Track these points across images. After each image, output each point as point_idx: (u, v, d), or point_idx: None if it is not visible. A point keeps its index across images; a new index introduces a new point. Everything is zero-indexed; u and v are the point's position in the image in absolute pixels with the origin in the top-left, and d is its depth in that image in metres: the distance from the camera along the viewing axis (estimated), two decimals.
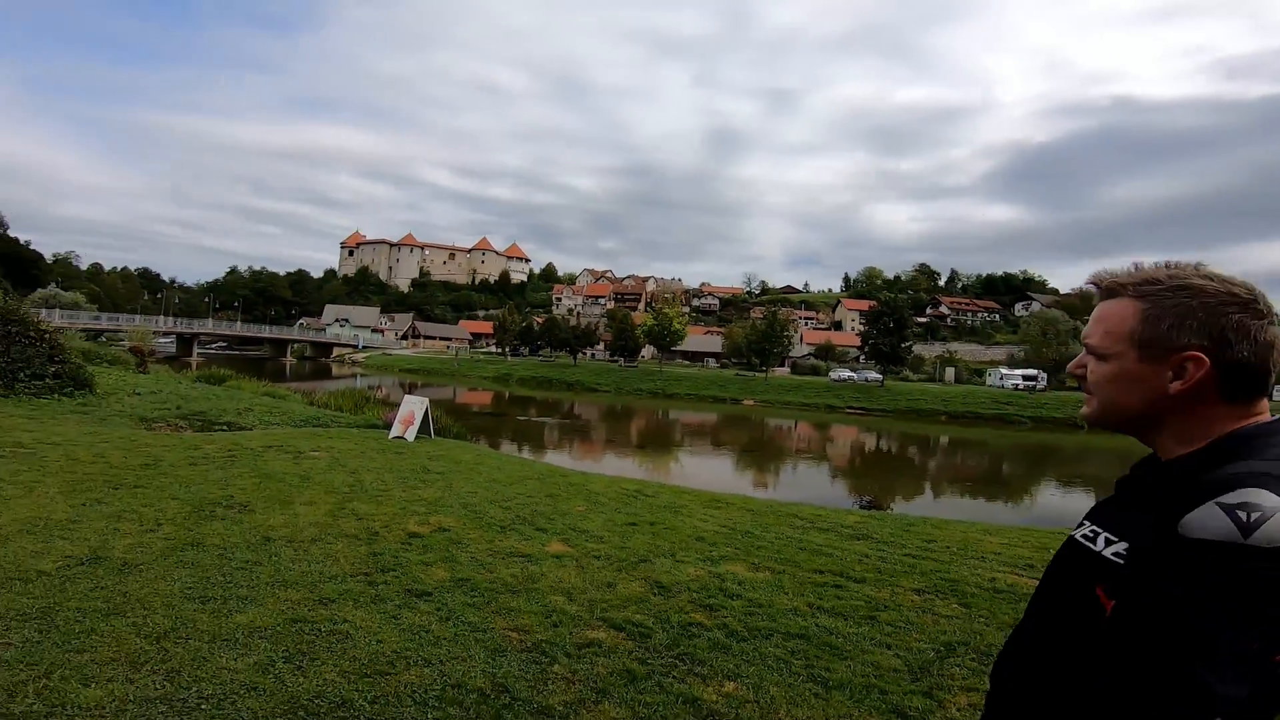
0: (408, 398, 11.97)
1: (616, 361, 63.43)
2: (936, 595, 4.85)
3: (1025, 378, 49.34)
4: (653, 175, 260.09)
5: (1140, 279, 0.99)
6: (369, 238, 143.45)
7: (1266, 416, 0.94)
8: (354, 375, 54.04)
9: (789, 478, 19.17)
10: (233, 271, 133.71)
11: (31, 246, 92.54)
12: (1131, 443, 1.07)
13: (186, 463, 7.69)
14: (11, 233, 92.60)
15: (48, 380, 12.80)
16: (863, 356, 60.12)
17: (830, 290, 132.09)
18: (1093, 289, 1.06)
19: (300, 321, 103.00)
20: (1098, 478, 22.38)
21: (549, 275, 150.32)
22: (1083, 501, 17.49)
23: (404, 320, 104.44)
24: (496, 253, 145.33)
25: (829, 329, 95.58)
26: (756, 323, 61.25)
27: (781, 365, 61.19)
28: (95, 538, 4.72)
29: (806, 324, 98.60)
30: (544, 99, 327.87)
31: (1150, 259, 1.04)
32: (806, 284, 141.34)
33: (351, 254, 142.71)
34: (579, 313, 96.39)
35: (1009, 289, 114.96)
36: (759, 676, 3.41)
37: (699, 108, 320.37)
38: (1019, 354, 59.97)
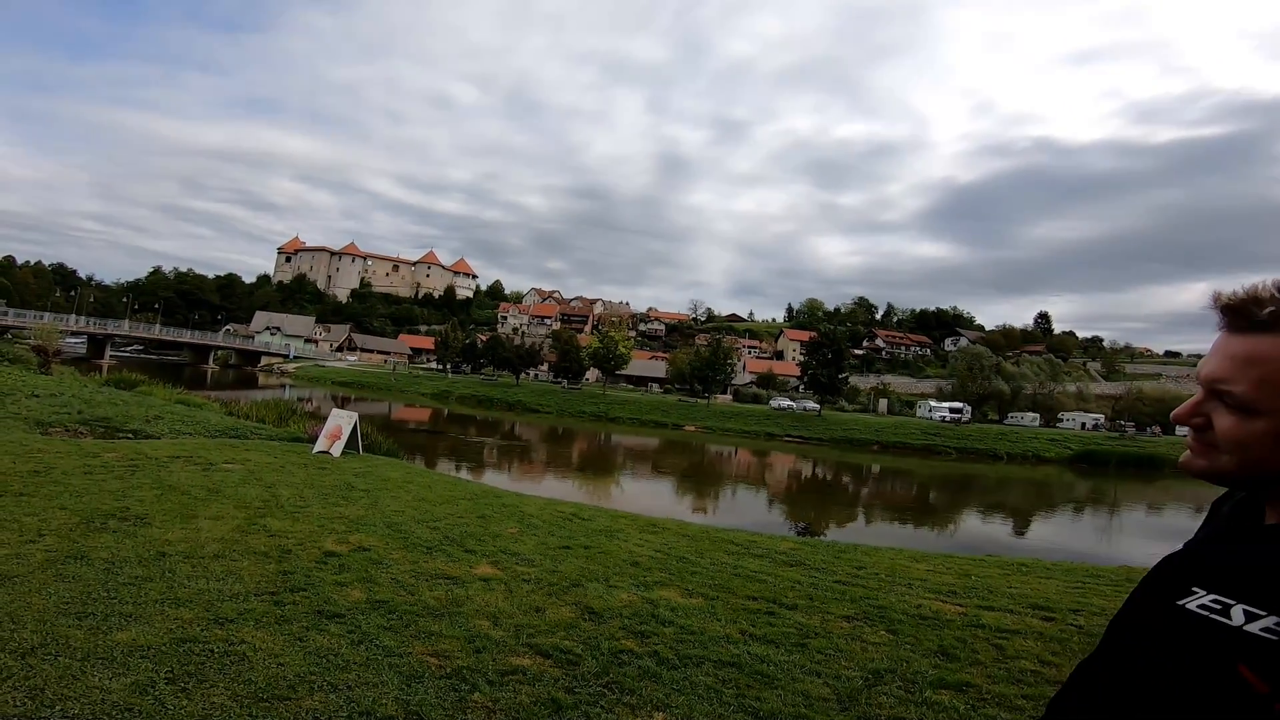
0: (335, 411, 11.45)
1: (560, 383, 62.85)
2: (865, 622, 4.87)
3: (951, 410, 51.43)
4: (602, 197, 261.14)
5: None
6: (309, 245, 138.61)
7: None
8: (282, 386, 51.70)
9: (726, 503, 19.25)
10: (156, 271, 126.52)
11: None
12: (1045, 474, 0.97)
13: (81, 471, 7.09)
14: None
15: None
16: (802, 386, 61.54)
17: (774, 320, 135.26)
18: (1225, 314, 0.83)
19: (227, 328, 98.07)
20: (1016, 506, 23.39)
21: (495, 293, 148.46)
22: (999, 529, 18.19)
23: (340, 331, 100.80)
24: (443, 267, 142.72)
25: (771, 358, 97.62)
26: (701, 349, 61.87)
27: (724, 392, 61.93)
28: None
29: (750, 353, 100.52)
30: (495, 115, 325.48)
31: (1066, 298, 0.88)
32: (751, 313, 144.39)
33: (289, 260, 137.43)
34: (524, 332, 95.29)
35: (940, 324, 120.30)
36: (689, 706, 3.31)
37: (650, 133, 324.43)
38: (947, 387, 62.60)
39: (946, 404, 53.61)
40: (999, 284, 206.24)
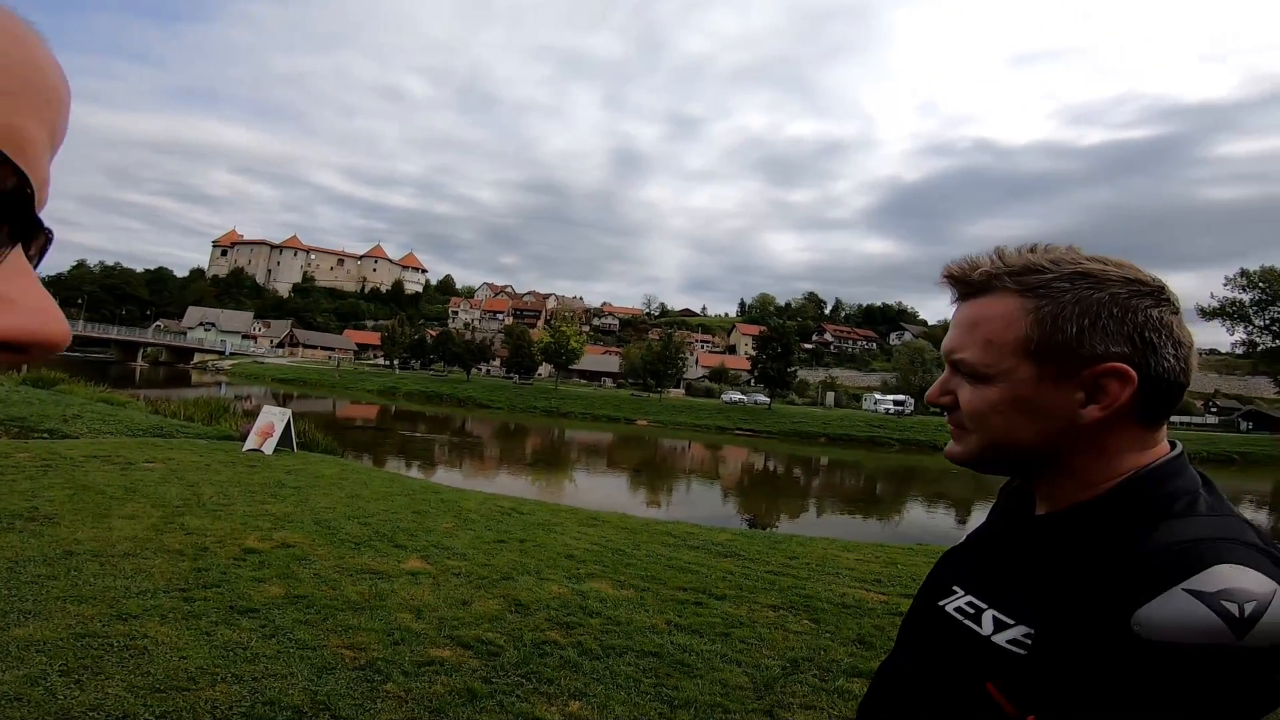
0: (267, 408, 11.12)
1: (512, 378, 62.27)
2: (790, 611, 4.99)
3: (895, 403, 53.13)
4: (557, 192, 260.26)
5: (1018, 266, 0.72)
6: (247, 238, 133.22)
7: (1166, 447, 0.72)
8: (217, 384, 49.64)
9: (671, 496, 19.44)
10: (80, 265, 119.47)
11: None
12: None
13: None
14: None
15: None
16: (753, 380, 62.52)
17: (726, 315, 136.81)
18: (950, 284, 0.78)
19: (157, 324, 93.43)
20: (959, 497, 24.32)
21: (446, 288, 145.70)
22: (941, 520, 18.91)
23: (281, 327, 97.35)
24: (391, 261, 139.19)
25: (724, 352, 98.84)
26: (654, 344, 62.21)
27: (677, 386, 62.38)
28: None
29: (703, 347, 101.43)
30: (449, 108, 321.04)
31: None
32: (704, 308, 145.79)
33: (225, 254, 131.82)
34: (475, 327, 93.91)
35: (885, 319, 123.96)
36: (606, 696, 3.36)
37: (606, 129, 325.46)
38: (891, 380, 64.57)
39: (890, 396, 55.31)
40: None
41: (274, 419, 10.68)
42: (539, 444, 31.99)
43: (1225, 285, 56.33)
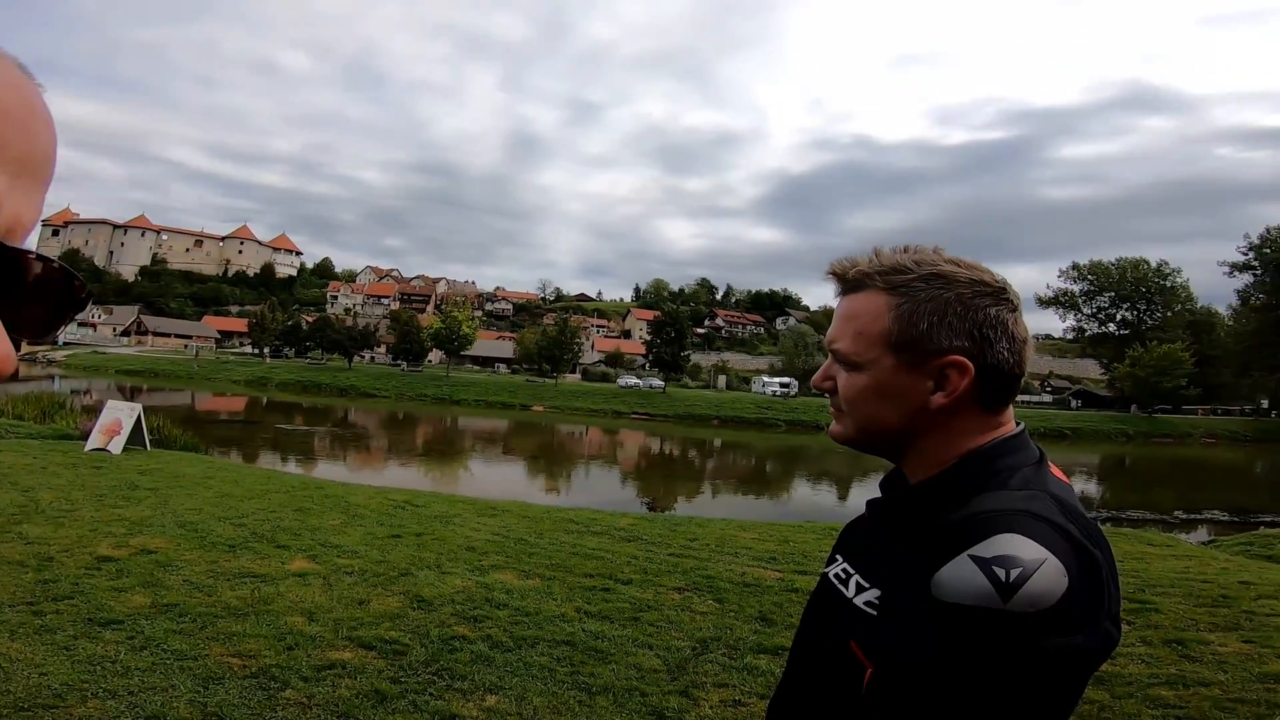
0: (111, 403, 9.97)
1: (399, 365, 59.48)
2: (695, 592, 5.05)
3: (781, 385, 55.74)
4: (448, 174, 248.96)
5: (888, 267, 0.81)
6: (83, 217, 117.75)
7: (1011, 427, 0.81)
8: (50, 377, 43.86)
9: (571, 483, 19.41)
10: None
11: None
12: None
13: None
14: None
15: None
16: (648, 364, 63.42)
17: (622, 300, 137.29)
18: (833, 280, 0.87)
19: None
20: (841, 475, 25.94)
21: (324, 271, 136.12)
22: (825, 497, 20.12)
23: (127, 313, 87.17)
24: (259, 243, 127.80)
25: (619, 337, 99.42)
26: (549, 329, 61.52)
27: (573, 371, 62.19)
28: None
29: (599, 332, 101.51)
30: (331, 84, 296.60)
31: None
32: (600, 293, 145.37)
33: (57, 234, 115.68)
34: (358, 313, 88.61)
35: (772, 304, 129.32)
36: (522, 687, 3.29)
37: (503, 111, 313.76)
38: (777, 364, 67.67)
39: (777, 379, 57.92)
40: (821, 267, 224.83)
41: (121, 415, 9.58)
42: (431, 433, 30.84)
43: (1059, 277, 63.64)
